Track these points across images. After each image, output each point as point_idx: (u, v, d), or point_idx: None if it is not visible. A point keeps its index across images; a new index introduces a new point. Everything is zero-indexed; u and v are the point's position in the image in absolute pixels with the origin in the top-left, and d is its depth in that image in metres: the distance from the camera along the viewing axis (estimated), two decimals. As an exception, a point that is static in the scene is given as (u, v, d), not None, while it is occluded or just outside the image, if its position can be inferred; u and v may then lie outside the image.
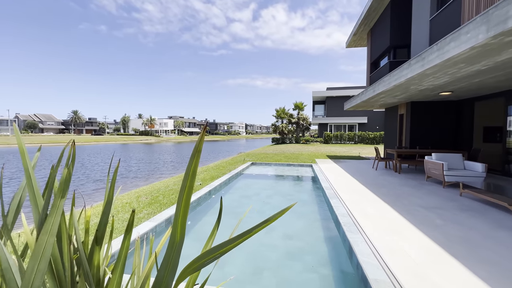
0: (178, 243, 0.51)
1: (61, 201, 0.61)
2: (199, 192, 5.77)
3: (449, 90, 7.63)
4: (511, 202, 4.27)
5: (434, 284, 2.36)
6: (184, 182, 0.54)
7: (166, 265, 0.52)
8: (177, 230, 0.51)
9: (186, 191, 0.52)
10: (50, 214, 0.58)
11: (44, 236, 0.55)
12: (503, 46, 3.78)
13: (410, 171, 9.19)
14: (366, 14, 12.22)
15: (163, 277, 0.51)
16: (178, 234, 0.51)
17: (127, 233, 0.82)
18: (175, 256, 0.51)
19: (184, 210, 0.53)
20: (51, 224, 0.56)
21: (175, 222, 0.53)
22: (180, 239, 0.51)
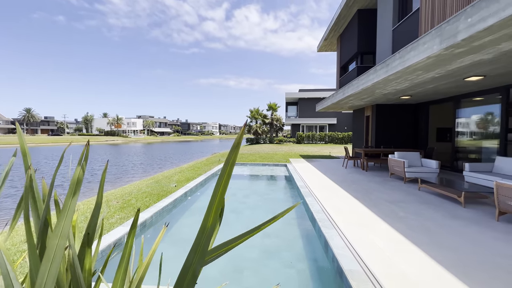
0: (209, 229, 0.53)
1: (73, 201, 0.59)
2: (175, 194, 5.61)
3: (409, 94, 8.39)
4: (460, 194, 4.85)
5: (400, 270, 2.60)
6: (223, 170, 0.56)
7: (196, 250, 0.54)
8: (210, 215, 0.53)
9: (224, 178, 0.55)
10: (61, 215, 0.56)
11: (54, 240, 0.53)
12: (453, 57, 4.29)
13: (376, 168, 9.90)
14: (336, 21, 12.88)
15: (191, 262, 0.53)
16: (210, 219, 0.53)
17: (131, 230, 0.81)
18: (204, 242, 0.54)
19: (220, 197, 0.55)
20: (62, 227, 0.54)
21: (209, 208, 0.55)
22: (212, 225, 0.53)
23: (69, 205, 0.57)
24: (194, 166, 10.58)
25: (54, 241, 0.54)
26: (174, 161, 19.60)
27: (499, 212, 4.05)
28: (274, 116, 33.17)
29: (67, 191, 0.61)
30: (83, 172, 0.67)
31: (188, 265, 0.53)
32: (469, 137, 8.57)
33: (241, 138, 0.56)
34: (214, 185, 0.60)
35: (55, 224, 0.56)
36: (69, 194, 0.59)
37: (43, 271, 0.50)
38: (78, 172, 0.64)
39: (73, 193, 0.59)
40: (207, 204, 0.57)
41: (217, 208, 0.53)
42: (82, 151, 0.70)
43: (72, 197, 0.58)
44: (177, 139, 75.50)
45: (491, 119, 7.56)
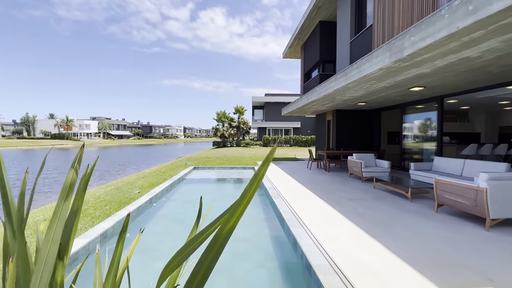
0: (227, 232, 0.56)
1: (65, 205, 0.56)
2: (139, 201, 5.30)
3: (364, 101, 9.22)
4: (407, 190, 5.49)
5: (361, 260, 2.87)
6: (253, 181, 0.58)
7: (209, 251, 0.56)
8: (232, 218, 0.56)
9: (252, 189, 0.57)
10: (53, 219, 0.53)
11: (46, 245, 0.50)
12: (401, 69, 4.88)
13: (337, 169, 10.62)
14: (300, 30, 13.58)
15: (204, 261, 0.55)
16: (231, 222, 0.56)
17: (120, 237, 0.78)
18: (220, 245, 0.56)
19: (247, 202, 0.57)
20: (54, 231, 0.52)
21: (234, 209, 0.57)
22: (231, 229, 0.56)
23: (61, 210, 0.56)
24: (159, 171, 10.09)
25: (46, 245, 0.52)
26: (135, 166, 18.37)
27: (437, 204, 4.70)
28: (241, 120, 33.35)
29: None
30: (77, 175, 0.65)
31: (201, 265, 0.55)
32: (413, 140, 9.75)
33: (272, 154, 0.57)
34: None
35: (47, 228, 0.54)
36: (61, 198, 0.57)
37: (35, 276, 0.48)
38: (71, 176, 0.62)
39: (65, 197, 0.57)
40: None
41: (240, 213, 0.56)
42: (76, 154, 0.68)
43: (64, 201, 0.57)
44: (137, 142, 70.83)
45: (430, 124, 8.73)
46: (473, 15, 2.83)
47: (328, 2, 10.84)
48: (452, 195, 4.33)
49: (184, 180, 8.91)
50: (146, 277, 2.95)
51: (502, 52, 3.86)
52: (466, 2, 2.91)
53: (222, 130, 32.37)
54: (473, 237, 3.52)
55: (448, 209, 4.78)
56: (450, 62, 4.38)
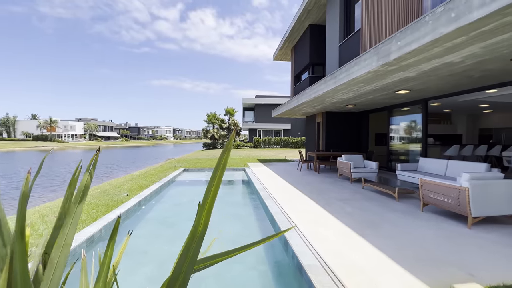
0: (200, 233, 0.56)
1: (79, 207, 0.55)
2: (127, 204, 5.18)
3: (353, 103, 9.42)
4: (394, 191, 5.65)
5: (350, 259, 2.92)
6: (215, 173, 0.59)
7: (185, 257, 0.55)
8: (200, 221, 0.56)
9: (215, 182, 0.58)
10: (66, 222, 0.52)
11: (57, 251, 0.49)
12: (387, 73, 5.03)
13: (327, 170, 10.77)
14: (290, 33, 13.74)
15: (181, 268, 0.55)
16: (201, 225, 0.56)
17: (111, 240, 0.77)
18: (195, 248, 0.55)
19: (210, 202, 0.58)
20: (65, 235, 0.51)
21: (200, 212, 0.57)
22: (203, 230, 0.56)
23: (75, 211, 0.55)
24: (147, 173, 9.90)
25: (57, 251, 0.51)
26: (123, 169, 17.95)
27: (423, 204, 4.85)
28: (232, 121, 33.25)
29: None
30: (91, 179, 0.64)
31: (178, 273, 0.55)
32: (400, 141, 10.04)
33: (230, 143, 0.60)
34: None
35: (60, 232, 0.53)
36: (75, 201, 0.56)
37: (46, 277, 0.47)
38: (86, 179, 0.61)
39: (79, 200, 0.56)
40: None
41: (208, 212, 0.57)
42: (92, 157, 0.67)
43: (79, 203, 0.56)
44: (125, 144, 69.23)
45: (415, 126, 9.01)
46: (455, 22, 2.96)
47: (317, 6, 11.03)
48: (437, 195, 4.49)
49: (174, 182, 8.79)
50: (135, 280, 2.88)
51: (482, 58, 4.05)
52: (449, 10, 3.04)
53: (213, 132, 32.16)
54: (456, 235, 3.66)
55: (433, 208, 4.95)
56: (434, 67, 4.55)
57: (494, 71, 4.84)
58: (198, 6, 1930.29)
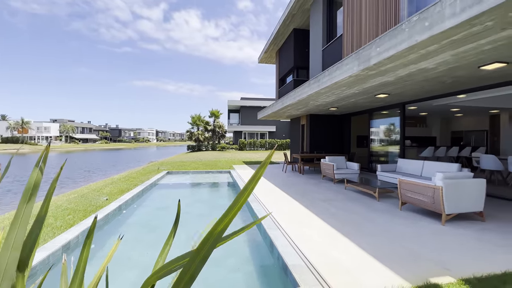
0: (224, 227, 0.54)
1: (28, 207, 0.52)
2: (107, 209, 4.97)
3: (336, 106, 9.69)
4: (375, 191, 5.85)
5: (334, 258, 2.99)
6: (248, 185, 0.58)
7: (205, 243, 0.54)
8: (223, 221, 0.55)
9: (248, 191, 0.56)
10: (14, 222, 0.48)
11: (6, 252, 0.46)
12: (368, 77, 5.23)
13: (311, 172, 10.96)
14: (275, 36, 13.91)
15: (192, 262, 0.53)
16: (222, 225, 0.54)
17: (87, 239, 0.73)
18: (216, 238, 0.54)
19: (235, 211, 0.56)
20: (14, 236, 0.47)
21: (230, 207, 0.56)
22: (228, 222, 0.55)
23: (23, 212, 0.51)
24: (129, 176, 9.56)
25: (5, 252, 0.47)
26: (102, 172, 17.20)
27: (401, 202, 5.07)
28: (217, 123, 33.00)
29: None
30: (41, 175, 0.60)
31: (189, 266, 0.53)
32: (380, 143, 10.44)
33: (269, 158, 0.58)
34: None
35: (7, 233, 0.49)
36: (23, 200, 0.52)
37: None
38: (35, 175, 0.57)
39: (28, 199, 0.53)
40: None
41: (234, 214, 0.56)
42: (42, 152, 0.63)
43: (27, 203, 0.52)
44: (105, 146, 66.43)
45: (393, 129, 9.42)
46: (429, 30, 3.14)
47: (301, 11, 11.28)
48: (414, 194, 4.71)
49: (157, 185, 8.55)
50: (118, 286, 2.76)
51: (453, 65, 4.33)
52: (423, 19, 3.23)
53: (197, 134, 31.71)
54: (432, 231, 3.85)
55: (410, 207, 5.18)
56: (410, 72, 4.80)
57: (464, 77, 5.18)
58: (183, 7, 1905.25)
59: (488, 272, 2.61)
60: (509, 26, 2.85)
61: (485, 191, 4.29)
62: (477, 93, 6.25)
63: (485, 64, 4.27)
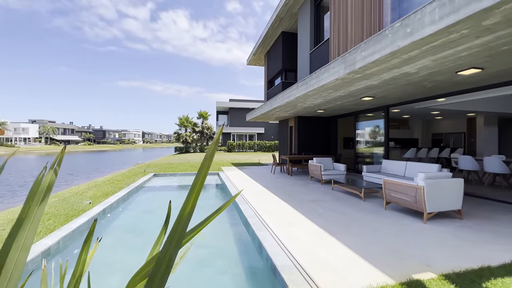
0: (186, 217, 0.55)
1: (39, 209, 0.50)
2: (90, 213, 4.80)
3: (323, 109, 9.87)
4: (361, 191, 6.01)
5: (321, 258, 3.03)
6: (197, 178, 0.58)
7: (171, 239, 0.54)
8: (189, 201, 0.56)
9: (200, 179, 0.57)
10: (26, 222, 0.47)
11: (15, 252, 0.44)
12: (353, 80, 5.38)
13: (299, 173, 11.08)
14: (264, 39, 14.02)
15: (167, 250, 0.54)
16: (189, 207, 0.55)
17: (85, 244, 0.71)
18: (181, 229, 0.55)
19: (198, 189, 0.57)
20: (24, 238, 0.46)
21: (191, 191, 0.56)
22: (190, 212, 0.55)
23: (35, 213, 0.50)
24: (114, 179, 9.28)
25: (14, 253, 0.46)
26: (85, 175, 16.58)
27: (386, 202, 5.23)
28: (205, 125, 32.72)
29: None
30: (55, 177, 0.59)
31: (164, 253, 0.54)
32: (365, 145, 10.72)
33: (214, 150, 0.59)
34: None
35: (17, 233, 0.48)
36: (36, 201, 0.51)
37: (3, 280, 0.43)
38: (50, 176, 0.56)
39: (41, 200, 0.52)
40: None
41: (196, 196, 0.57)
42: (57, 155, 0.62)
43: (39, 204, 0.51)
44: (88, 148, 64.11)
45: (378, 130, 9.71)
46: (410, 36, 3.29)
47: (289, 14, 11.44)
48: (397, 193, 4.88)
49: (143, 188, 8.35)
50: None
51: (433, 70, 4.54)
52: (405, 25, 3.37)
53: (185, 135, 31.27)
54: (414, 230, 4.00)
55: (394, 206, 5.36)
56: (394, 76, 4.98)
57: (443, 82, 5.44)
58: (170, 7, 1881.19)
59: (466, 267, 2.74)
60: (482, 35, 3.03)
61: (463, 190, 4.51)
62: (455, 97, 6.58)
63: (462, 70, 4.51)
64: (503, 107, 8.97)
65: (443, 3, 2.82)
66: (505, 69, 4.50)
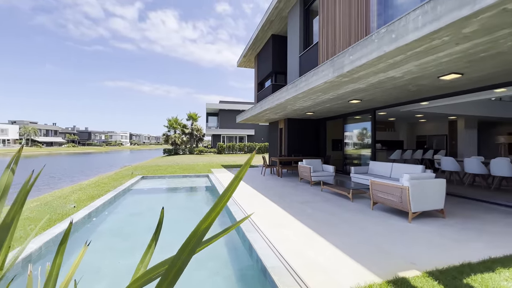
0: (206, 228, 0.55)
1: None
2: (74, 216, 4.64)
3: (312, 111, 10.01)
4: (349, 192, 6.12)
5: (310, 258, 3.07)
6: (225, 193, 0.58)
7: (185, 247, 0.54)
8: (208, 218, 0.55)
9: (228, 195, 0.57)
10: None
11: None
12: (342, 83, 5.50)
13: (289, 175, 11.16)
14: (254, 41, 14.09)
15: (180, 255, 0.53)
16: (207, 222, 0.55)
17: (60, 246, 0.69)
18: (197, 240, 0.55)
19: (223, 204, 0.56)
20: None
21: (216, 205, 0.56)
22: (210, 223, 0.55)
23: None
24: (100, 182, 9.02)
25: None
26: (70, 178, 16.00)
27: (373, 202, 5.36)
28: (195, 126, 32.38)
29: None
30: (12, 178, 0.57)
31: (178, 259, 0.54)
32: (353, 146, 10.96)
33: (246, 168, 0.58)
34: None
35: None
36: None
37: None
38: (6, 177, 0.54)
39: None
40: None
41: (216, 216, 0.57)
42: (14, 155, 0.59)
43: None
44: (72, 150, 61.93)
45: (365, 133, 9.95)
46: (395, 42, 3.41)
47: (279, 18, 11.57)
48: (384, 194, 5.01)
49: (130, 191, 8.16)
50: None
51: (417, 74, 4.72)
52: (391, 31, 3.49)
53: (174, 137, 30.82)
54: (400, 229, 4.12)
55: (381, 206, 5.50)
56: (380, 80, 5.13)
57: (426, 86, 5.66)
58: (159, 7, 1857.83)
59: (448, 264, 2.85)
60: (462, 42, 3.19)
61: (445, 190, 4.69)
62: (437, 100, 6.85)
63: (443, 75, 4.71)
64: (482, 110, 9.42)
65: (425, 11, 2.95)
66: (483, 75, 4.74)
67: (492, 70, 4.48)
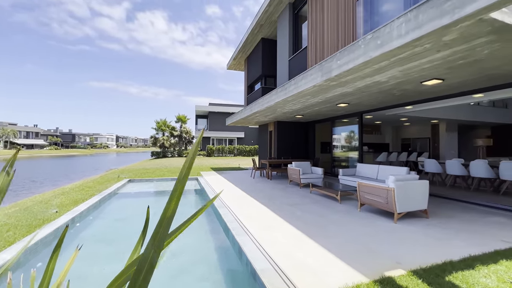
0: (169, 218, 0.55)
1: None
2: (56, 222, 4.46)
3: (301, 114, 10.14)
4: (337, 193, 6.23)
5: (299, 260, 3.09)
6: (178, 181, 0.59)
7: (153, 241, 0.54)
8: (171, 204, 0.56)
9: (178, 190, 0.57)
10: None
11: None
12: (330, 87, 5.62)
13: (278, 177, 11.22)
14: (244, 44, 14.15)
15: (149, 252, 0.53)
16: (170, 210, 0.55)
17: (54, 252, 0.67)
18: (163, 231, 0.55)
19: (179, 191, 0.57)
20: None
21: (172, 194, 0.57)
22: (171, 215, 0.56)
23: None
24: (84, 186, 8.72)
25: None
26: (52, 182, 15.36)
27: (360, 204, 5.47)
28: (184, 129, 31.99)
29: None
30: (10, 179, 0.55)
31: (147, 256, 0.54)
32: (341, 149, 11.17)
33: (196, 152, 0.60)
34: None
35: None
36: None
37: None
38: (2, 179, 0.52)
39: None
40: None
41: (177, 199, 0.57)
42: (10, 158, 0.58)
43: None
44: (54, 153, 59.56)
45: (353, 136, 10.18)
46: (380, 48, 3.52)
47: (269, 22, 11.69)
48: (371, 195, 5.13)
49: (116, 194, 7.94)
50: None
51: (401, 79, 4.89)
52: (376, 37, 3.61)
53: (162, 140, 30.31)
54: (386, 229, 4.23)
55: (368, 207, 5.62)
56: (366, 84, 5.28)
57: (410, 91, 5.87)
58: (147, 8, 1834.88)
59: (431, 263, 2.95)
60: (443, 49, 3.35)
61: (428, 191, 4.86)
62: (421, 105, 7.12)
63: (426, 80, 4.91)
64: (462, 115, 9.87)
65: (408, 19, 3.08)
66: (462, 81, 4.98)
67: (470, 77, 4.72)
